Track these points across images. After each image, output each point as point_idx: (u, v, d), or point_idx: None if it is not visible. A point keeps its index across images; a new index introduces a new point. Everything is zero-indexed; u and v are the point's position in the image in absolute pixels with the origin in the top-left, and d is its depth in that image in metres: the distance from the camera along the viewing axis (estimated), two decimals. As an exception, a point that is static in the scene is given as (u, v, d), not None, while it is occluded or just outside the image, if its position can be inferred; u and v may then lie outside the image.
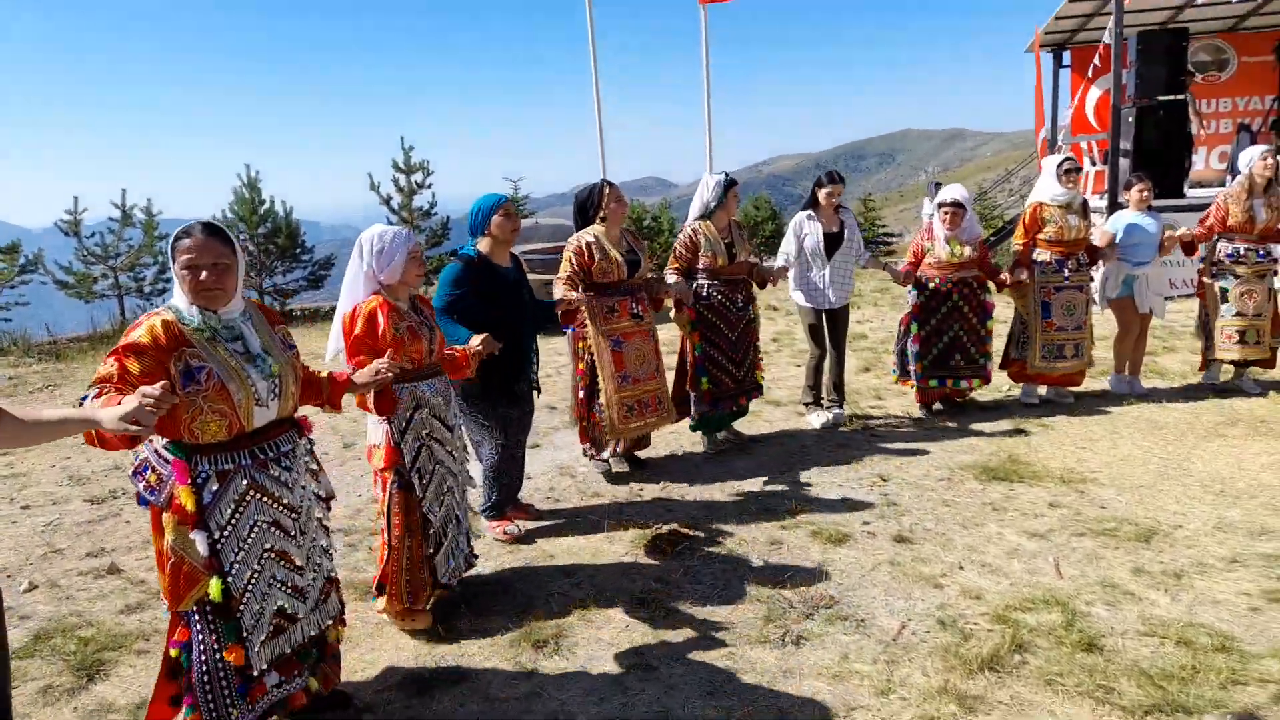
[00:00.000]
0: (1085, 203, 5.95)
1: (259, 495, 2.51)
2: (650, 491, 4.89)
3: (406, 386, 3.28)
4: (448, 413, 3.46)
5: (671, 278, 5.12)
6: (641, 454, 5.35)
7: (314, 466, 2.79)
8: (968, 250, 5.67)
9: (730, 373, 5.31)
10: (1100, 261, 6.02)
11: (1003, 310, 6.26)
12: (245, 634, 2.48)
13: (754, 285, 5.42)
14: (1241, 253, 5.89)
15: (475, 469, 4.81)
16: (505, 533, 4.28)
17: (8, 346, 11.14)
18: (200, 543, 2.42)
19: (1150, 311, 6.08)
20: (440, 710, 2.93)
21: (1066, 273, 5.86)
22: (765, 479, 5.00)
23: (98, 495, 5.25)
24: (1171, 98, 10.05)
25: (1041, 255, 5.90)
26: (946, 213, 5.69)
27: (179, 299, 2.45)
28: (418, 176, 16.36)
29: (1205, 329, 6.19)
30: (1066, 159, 5.88)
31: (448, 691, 3.03)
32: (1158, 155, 10.12)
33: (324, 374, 2.92)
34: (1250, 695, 2.72)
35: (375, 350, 3.14)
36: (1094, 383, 6.51)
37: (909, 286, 5.87)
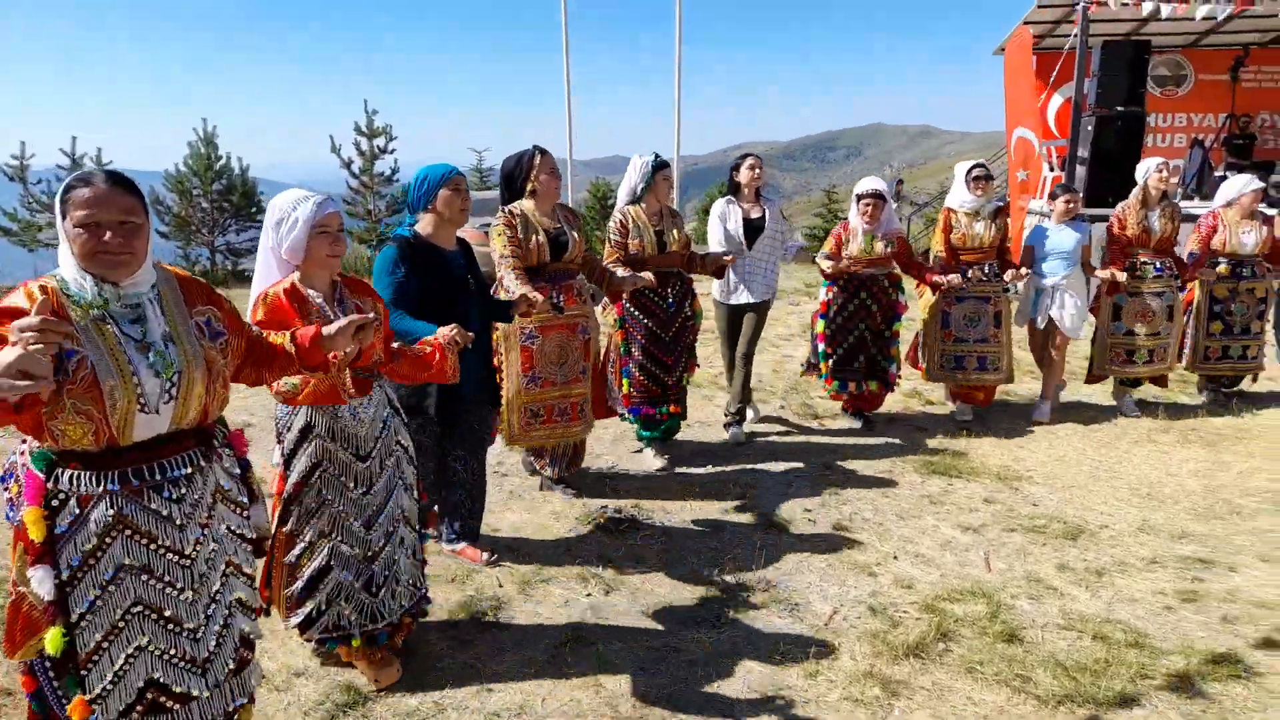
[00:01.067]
0: (998, 209, 5.70)
1: (128, 532, 1.95)
2: (597, 471, 4.92)
3: (303, 405, 2.72)
4: (367, 436, 2.77)
5: (620, 271, 4.52)
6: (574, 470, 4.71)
7: (240, 497, 2.22)
8: (880, 246, 5.35)
9: (657, 377, 4.78)
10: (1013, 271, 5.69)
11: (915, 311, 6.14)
12: (90, 694, 1.94)
13: (692, 280, 4.95)
14: (1138, 266, 5.75)
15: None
16: (475, 558, 3.79)
17: (-55, 291, 10.82)
18: (40, 582, 1.88)
19: (1051, 327, 5.75)
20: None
21: (968, 282, 5.59)
22: (711, 464, 5.07)
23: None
24: (1130, 109, 10.27)
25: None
26: (867, 205, 5.35)
27: (67, 267, 1.92)
28: (380, 141, 16.17)
29: (1096, 344, 6.02)
30: (976, 165, 5.67)
31: (383, 659, 3.05)
32: (1114, 164, 10.33)
33: (283, 339, 2.39)
34: (1154, 688, 2.85)
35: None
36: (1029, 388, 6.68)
37: (822, 282, 5.60)
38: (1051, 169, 13.05)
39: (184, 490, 2.02)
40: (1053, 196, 5.89)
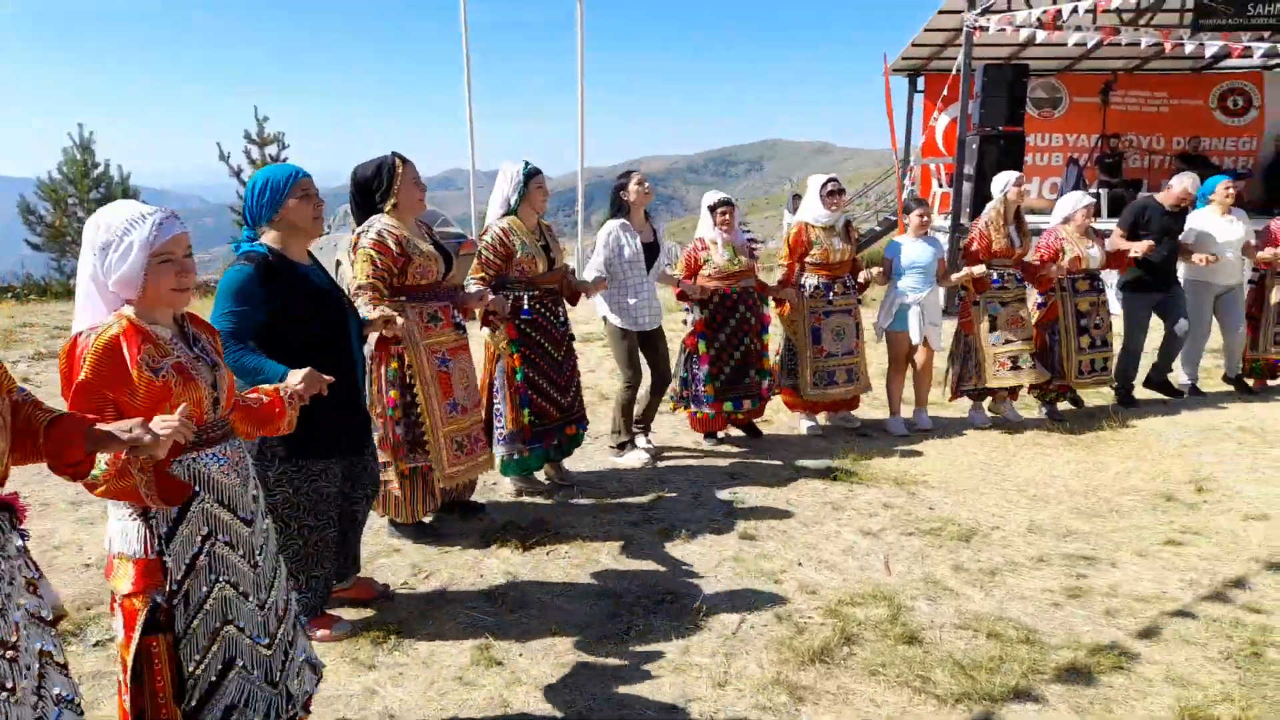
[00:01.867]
0: (849, 224, 5.83)
1: None
2: (502, 488, 4.85)
3: (178, 461, 2.13)
4: (244, 496, 2.28)
5: (472, 287, 4.27)
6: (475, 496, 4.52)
7: (30, 572, 1.82)
8: (743, 258, 5.38)
9: (555, 400, 4.58)
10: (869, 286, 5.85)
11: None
12: None
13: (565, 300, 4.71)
14: (1005, 279, 5.87)
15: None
16: (326, 635, 3.20)
17: None
18: None
19: (925, 342, 5.79)
20: (268, 709, 2.80)
21: (832, 296, 5.64)
22: (616, 478, 5.06)
23: None
24: (1011, 129, 10.81)
25: (809, 279, 5.67)
26: (723, 213, 5.34)
27: None
28: (272, 149, 15.64)
29: (963, 358, 6.04)
30: (830, 179, 5.62)
31: (278, 689, 2.90)
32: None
33: (50, 414, 1.87)
34: (1044, 682, 2.97)
35: (117, 406, 2.00)
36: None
37: (690, 304, 5.43)
38: (940, 185, 13.64)
39: None
40: (906, 210, 5.92)
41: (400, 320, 3.38)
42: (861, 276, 5.75)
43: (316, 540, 3.13)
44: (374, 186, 3.76)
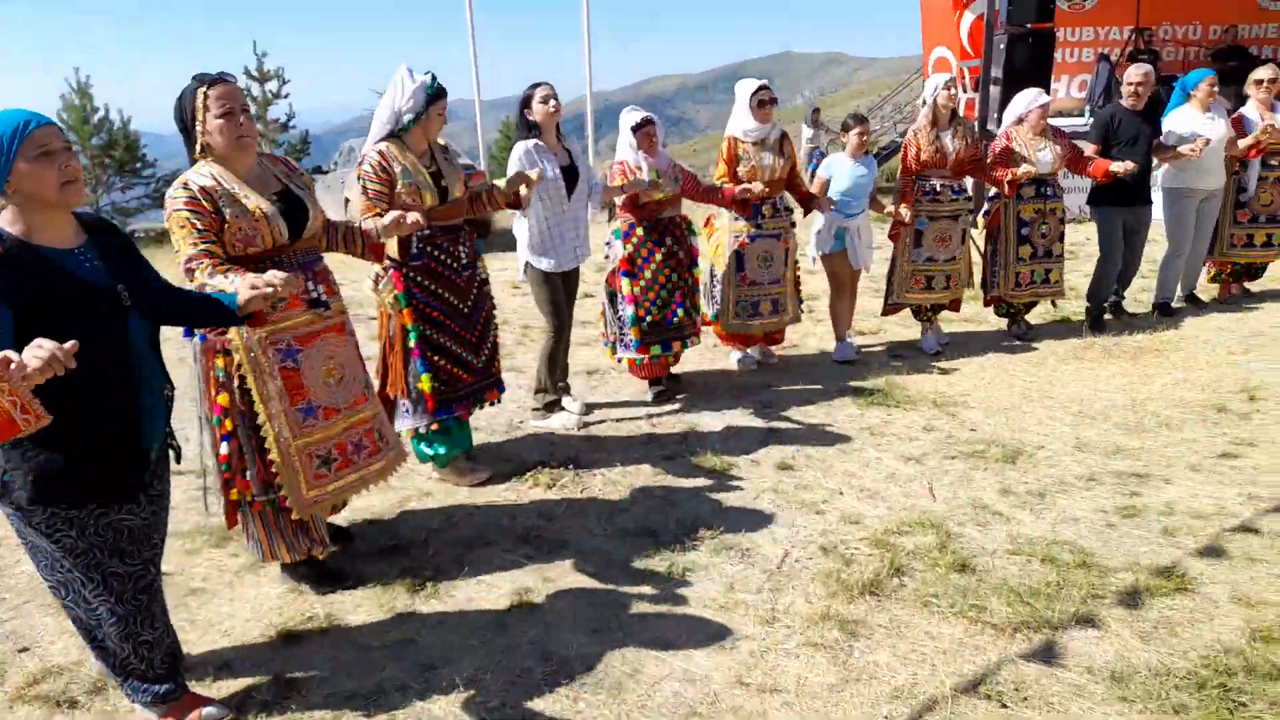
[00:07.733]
0: (784, 137, 5.17)
1: None
2: (530, 426, 4.74)
3: None
4: None
5: (376, 222, 3.21)
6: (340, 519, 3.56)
7: None
8: (671, 185, 4.67)
9: (465, 362, 3.77)
10: (814, 210, 5.33)
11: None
12: None
13: (475, 234, 3.86)
14: (938, 189, 5.42)
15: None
16: None
17: None
18: None
19: (861, 266, 5.46)
20: (306, 662, 2.75)
21: (761, 220, 5.07)
22: (650, 409, 4.93)
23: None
24: (1041, 25, 10.29)
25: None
26: (645, 133, 4.61)
27: None
28: (272, 85, 15.29)
29: (889, 273, 5.78)
30: (761, 87, 4.98)
31: (315, 642, 2.85)
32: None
33: None
34: (1105, 607, 2.86)
35: None
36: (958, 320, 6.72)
37: (611, 235, 4.82)
38: (964, 90, 13.09)
39: None
40: (844, 128, 5.43)
41: (278, 280, 2.36)
42: (824, 207, 5.24)
43: (134, 591, 2.30)
44: (184, 120, 2.73)
